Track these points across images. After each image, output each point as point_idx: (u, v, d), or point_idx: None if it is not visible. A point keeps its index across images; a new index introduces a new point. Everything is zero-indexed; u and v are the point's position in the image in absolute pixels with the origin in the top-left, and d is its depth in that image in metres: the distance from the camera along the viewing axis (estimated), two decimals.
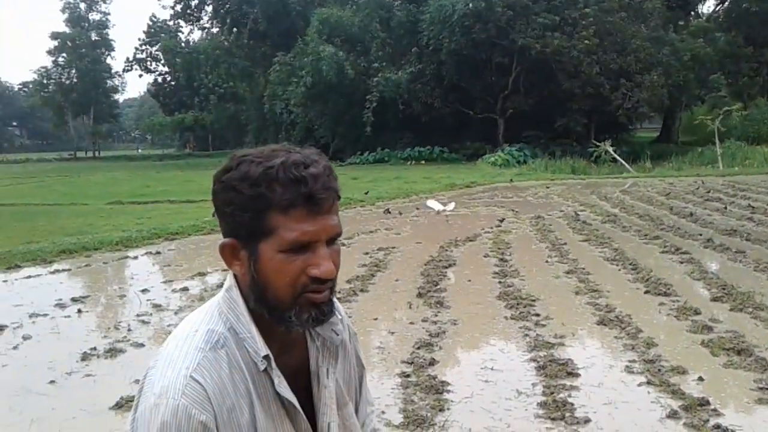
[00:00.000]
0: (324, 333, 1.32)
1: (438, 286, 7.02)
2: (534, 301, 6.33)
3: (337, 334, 1.33)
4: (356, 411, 1.47)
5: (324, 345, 1.33)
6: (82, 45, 62.22)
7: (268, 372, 1.21)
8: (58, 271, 8.61)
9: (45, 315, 6.37)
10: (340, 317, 1.37)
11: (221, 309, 1.25)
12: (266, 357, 1.20)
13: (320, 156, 1.21)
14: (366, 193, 16.93)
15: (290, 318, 1.18)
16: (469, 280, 7.43)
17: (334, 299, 1.29)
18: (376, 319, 6.04)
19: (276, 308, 1.18)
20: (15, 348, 5.44)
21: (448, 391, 4.26)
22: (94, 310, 6.74)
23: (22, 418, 4.01)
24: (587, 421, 3.74)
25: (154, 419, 1.13)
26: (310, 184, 1.14)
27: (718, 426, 3.60)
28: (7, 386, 4.64)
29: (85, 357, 5.10)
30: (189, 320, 1.28)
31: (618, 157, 25.23)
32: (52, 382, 4.66)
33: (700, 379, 4.31)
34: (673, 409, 3.83)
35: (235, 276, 1.24)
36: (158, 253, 9.95)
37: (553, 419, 3.78)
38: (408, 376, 4.54)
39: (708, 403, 3.89)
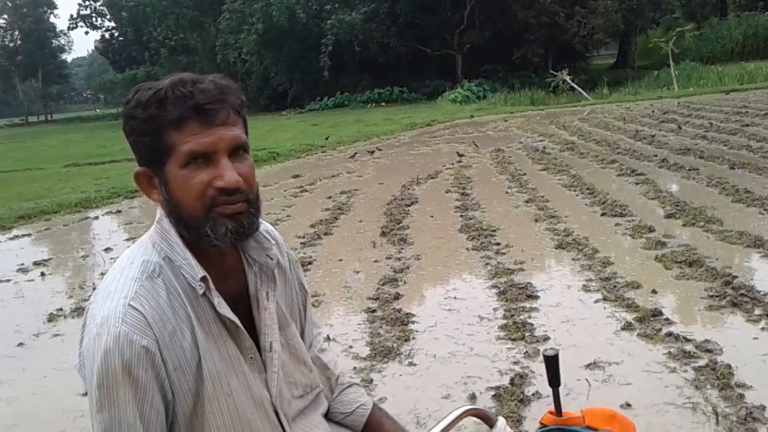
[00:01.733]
0: (259, 258, 1.35)
1: (401, 224, 7.10)
2: (494, 231, 6.45)
3: (272, 258, 1.37)
4: (302, 333, 1.53)
5: (261, 270, 1.36)
6: (23, 4, 59.93)
7: (207, 295, 1.24)
8: (17, 236, 8.50)
9: (8, 280, 6.32)
10: (273, 242, 1.41)
11: (154, 240, 1.27)
12: (203, 279, 1.23)
13: (218, 76, 1.24)
14: (326, 138, 16.84)
15: (207, 233, 1.20)
16: (432, 216, 7.52)
17: (263, 222, 1.32)
18: (341, 260, 6.11)
19: (192, 225, 1.21)
20: None
21: (413, 322, 4.37)
22: (57, 273, 6.69)
23: None
24: (546, 338, 3.88)
25: (98, 348, 1.16)
26: (197, 97, 1.17)
27: (669, 333, 3.76)
28: None
29: (51, 318, 5.10)
30: (125, 254, 1.31)
31: (575, 86, 25.37)
32: (20, 344, 4.66)
33: (654, 292, 4.47)
34: (627, 322, 3.99)
35: (162, 206, 1.27)
36: (119, 212, 9.85)
37: (514, 339, 3.91)
38: (374, 311, 4.63)
39: (661, 313, 4.05)
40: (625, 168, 9.01)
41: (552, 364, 1.32)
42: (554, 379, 1.33)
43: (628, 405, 3.05)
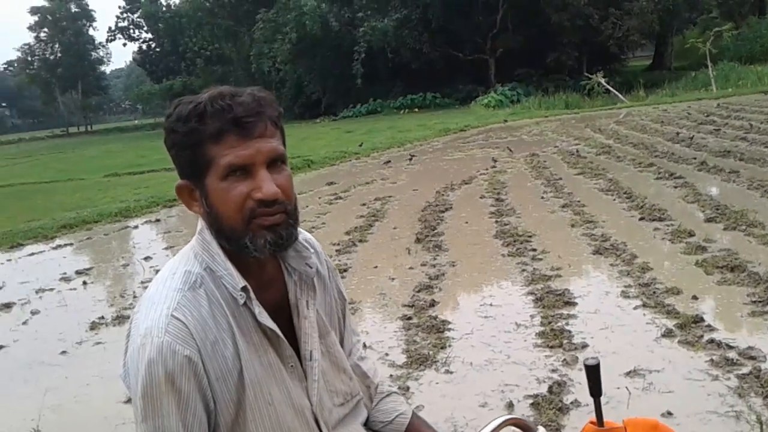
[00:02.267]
0: (299, 267, 1.37)
1: (436, 231, 7.09)
2: (530, 237, 6.40)
3: (311, 267, 1.38)
4: (342, 341, 1.54)
5: (301, 279, 1.38)
6: (63, 18, 61.34)
7: (248, 305, 1.26)
8: (60, 246, 8.70)
9: (51, 289, 6.47)
10: (312, 251, 1.43)
11: (196, 251, 1.30)
12: (244, 288, 1.24)
13: (256, 89, 1.26)
14: (360, 145, 16.91)
15: (247, 245, 1.22)
16: (467, 222, 7.49)
17: (300, 230, 1.33)
18: (376, 267, 6.12)
19: (231, 237, 1.23)
20: (24, 323, 5.54)
21: (449, 330, 4.36)
22: (99, 281, 6.83)
23: (37, 389, 4.12)
24: (584, 346, 3.83)
25: (142, 358, 1.18)
26: (236, 110, 1.19)
27: (712, 341, 3.70)
28: (20, 360, 4.75)
29: (93, 326, 5.21)
30: (167, 265, 1.34)
31: (611, 88, 25.05)
32: (63, 352, 4.76)
33: (695, 297, 4.39)
34: (668, 328, 3.92)
35: (203, 218, 1.30)
36: (158, 220, 10.01)
37: (551, 347, 3.87)
38: (409, 318, 4.63)
39: (702, 320, 3.98)
40: (663, 171, 8.87)
41: (593, 373, 1.30)
42: (595, 389, 1.32)
43: (670, 413, 3.00)
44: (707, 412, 3.00)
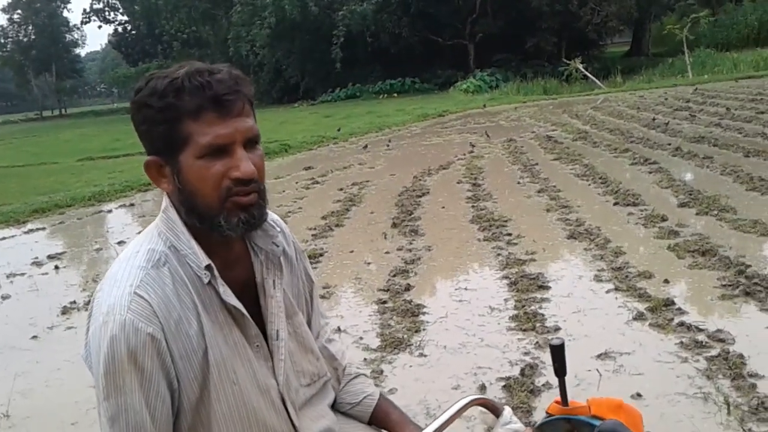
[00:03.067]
0: (265, 246, 1.36)
1: (412, 215, 7.09)
2: (506, 221, 6.43)
3: (278, 246, 1.37)
4: (309, 323, 1.53)
5: (267, 258, 1.37)
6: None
7: (213, 283, 1.25)
8: (32, 230, 8.57)
9: (22, 274, 6.38)
10: (279, 230, 1.41)
11: (160, 229, 1.29)
12: (208, 267, 1.24)
13: (229, 66, 1.24)
14: (338, 130, 16.83)
15: (220, 223, 1.21)
16: (443, 207, 7.50)
17: (268, 210, 1.32)
18: (352, 251, 6.11)
19: (205, 215, 1.22)
20: None
21: (424, 314, 4.37)
22: (71, 266, 6.75)
23: (6, 374, 4.06)
24: (557, 329, 3.86)
25: (104, 336, 1.17)
26: (216, 88, 1.17)
27: (682, 323, 3.74)
28: None
29: (65, 311, 5.15)
30: (131, 244, 1.32)
31: (588, 74, 25.18)
32: (34, 337, 4.71)
33: (666, 281, 4.44)
34: (639, 311, 3.96)
35: (168, 196, 1.28)
36: (132, 205, 9.92)
37: (524, 330, 3.90)
38: (384, 302, 4.64)
39: (673, 303, 4.02)
40: (639, 157, 8.94)
41: (558, 353, 1.31)
42: (560, 369, 1.32)
43: (639, 395, 3.03)
44: (676, 393, 3.04)
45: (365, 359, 3.75)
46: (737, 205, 6.05)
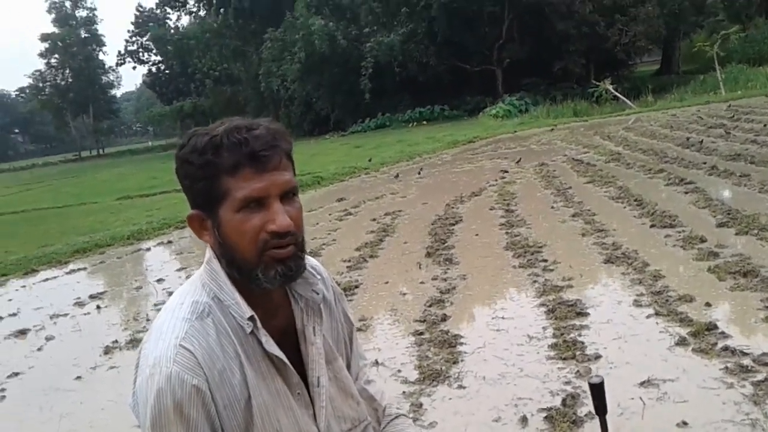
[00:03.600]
0: (305, 294, 1.39)
1: (446, 244, 7.08)
2: (541, 247, 6.38)
3: (318, 293, 1.40)
4: (349, 366, 1.55)
5: (307, 305, 1.40)
6: (73, 44, 62.15)
7: (255, 333, 1.28)
8: (74, 270, 8.76)
9: (65, 315, 6.51)
10: (319, 277, 1.44)
11: (204, 280, 1.32)
12: (251, 318, 1.27)
13: (269, 121, 1.29)
14: (369, 160, 16.94)
15: (257, 276, 1.24)
16: (477, 234, 7.48)
17: (308, 257, 1.35)
18: (387, 282, 6.12)
19: (244, 268, 1.25)
20: (39, 349, 5.57)
21: (461, 344, 4.34)
22: (112, 305, 6.87)
23: (52, 415, 4.14)
24: (597, 357, 3.81)
25: (151, 388, 1.20)
26: (252, 144, 1.21)
27: (726, 348, 3.66)
28: (35, 386, 4.78)
29: (107, 350, 5.24)
30: (175, 294, 1.36)
31: (618, 95, 25.00)
32: (78, 378, 4.79)
33: (708, 304, 4.36)
34: (681, 336, 3.89)
35: (212, 248, 1.32)
36: (170, 242, 10.07)
37: (564, 359, 3.85)
38: (421, 333, 4.62)
39: (716, 327, 3.94)
40: (674, 177, 8.83)
41: (597, 392, 1.30)
42: (600, 407, 1.32)
43: (685, 423, 2.97)
44: (723, 420, 2.97)
45: (404, 392, 3.74)
46: None
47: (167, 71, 60.04)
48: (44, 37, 62.65)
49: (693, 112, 17.91)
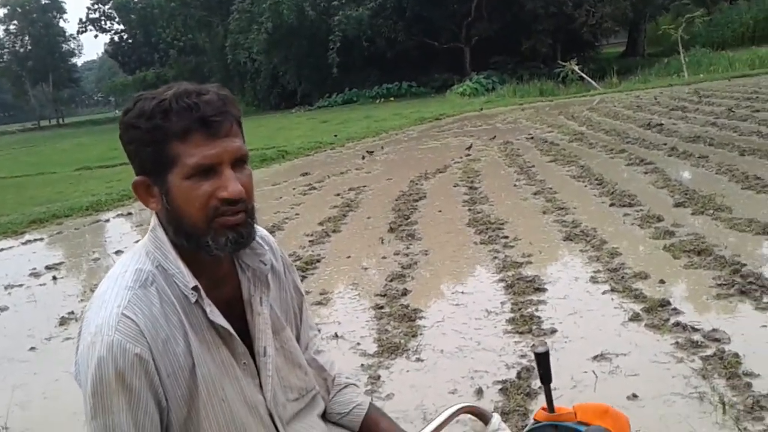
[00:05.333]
0: (252, 264, 1.37)
1: (409, 220, 7.10)
2: (503, 224, 6.43)
3: (265, 264, 1.38)
4: (298, 336, 1.54)
5: (254, 275, 1.38)
6: (32, 10, 60.48)
7: (200, 303, 1.26)
8: (30, 241, 8.58)
9: (20, 285, 6.39)
10: (267, 248, 1.42)
11: (148, 249, 1.29)
12: (195, 288, 1.25)
13: (218, 87, 1.26)
14: (335, 136, 16.85)
15: (208, 243, 1.22)
16: (440, 211, 7.51)
17: (257, 227, 1.33)
18: (349, 257, 6.12)
19: (193, 235, 1.23)
20: None
21: (421, 318, 4.37)
22: (69, 276, 6.76)
23: (5, 386, 4.07)
24: (554, 331, 3.87)
25: (92, 356, 1.18)
26: (203, 109, 1.18)
27: (677, 324, 3.74)
28: None
29: (63, 321, 5.16)
30: (119, 263, 1.33)
31: (584, 75, 25.20)
32: (32, 348, 4.71)
33: (662, 282, 4.44)
34: (635, 312, 3.97)
35: (157, 215, 1.29)
36: (130, 214, 9.93)
37: (521, 333, 3.90)
38: (382, 307, 4.64)
39: (669, 303, 4.03)
40: (634, 157, 8.95)
41: (543, 360, 1.32)
42: (546, 376, 1.34)
43: (635, 396, 3.03)
44: (672, 394, 3.05)
45: (362, 365, 3.75)
46: (733, 204, 6.06)
47: (130, 40, 58.66)
48: (3, 2, 60.81)
49: (656, 94, 18.14)
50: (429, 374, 3.59)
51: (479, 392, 3.28)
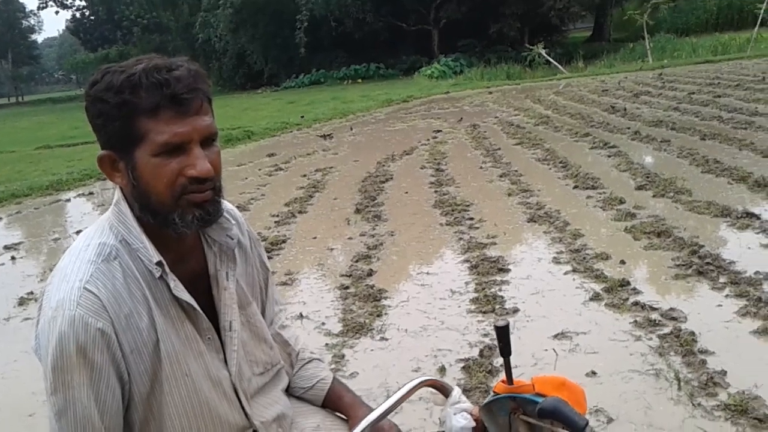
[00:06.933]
0: (219, 238, 1.37)
1: (376, 201, 7.10)
2: (468, 206, 6.48)
3: (232, 239, 1.38)
4: (264, 311, 1.54)
5: (221, 250, 1.38)
6: None
7: (164, 278, 1.25)
8: None
9: None
10: (234, 222, 1.42)
11: (111, 223, 1.28)
12: (159, 263, 1.24)
13: (187, 61, 1.23)
14: (302, 117, 16.73)
15: (174, 220, 1.21)
16: (406, 192, 7.52)
17: (224, 202, 1.33)
18: (315, 237, 6.11)
19: (159, 212, 1.22)
20: None
21: (386, 298, 4.40)
22: (28, 256, 6.63)
23: None
24: (516, 310, 3.92)
25: (53, 331, 1.17)
26: (173, 86, 1.16)
27: (636, 303, 3.83)
28: None
29: (22, 302, 5.08)
30: (81, 236, 1.31)
31: (551, 59, 25.34)
32: None
33: (622, 262, 4.53)
34: (595, 292, 4.05)
35: (121, 189, 1.27)
36: (91, 193, 9.76)
37: (484, 312, 3.95)
38: (347, 287, 4.66)
39: (628, 283, 4.12)
40: (598, 141, 9.06)
41: (503, 334, 1.34)
42: (505, 349, 1.36)
43: (594, 373, 3.10)
44: (629, 370, 3.12)
45: (327, 344, 3.77)
46: (693, 187, 6.19)
47: (92, 17, 57.14)
48: None
49: (621, 78, 18.34)
50: (393, 353, 3.62)
51: (442, 370, 3.31)
